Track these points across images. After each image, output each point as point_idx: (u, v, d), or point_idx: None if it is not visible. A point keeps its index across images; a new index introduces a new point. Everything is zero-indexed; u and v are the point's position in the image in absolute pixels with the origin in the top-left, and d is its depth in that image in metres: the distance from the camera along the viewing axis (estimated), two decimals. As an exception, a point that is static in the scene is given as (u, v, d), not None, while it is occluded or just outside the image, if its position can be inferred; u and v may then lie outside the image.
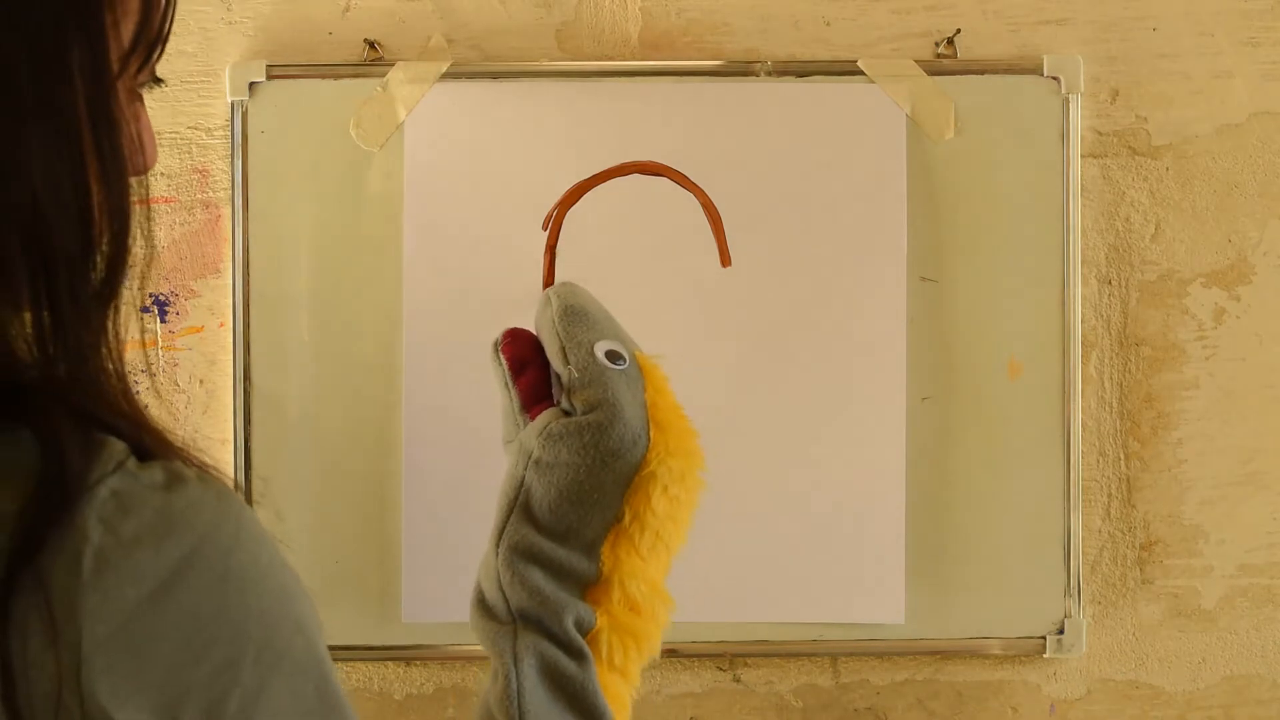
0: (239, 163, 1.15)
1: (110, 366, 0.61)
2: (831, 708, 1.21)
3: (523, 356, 0.87)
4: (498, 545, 0.83)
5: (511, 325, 0.89)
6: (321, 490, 1.16)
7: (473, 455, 1.15)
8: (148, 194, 0.64)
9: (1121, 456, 1.21)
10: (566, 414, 0.83)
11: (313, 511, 1.16)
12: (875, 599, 1.16)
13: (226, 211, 1.17)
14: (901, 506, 1.16)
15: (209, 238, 1.18)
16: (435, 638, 1.17)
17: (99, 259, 0.61)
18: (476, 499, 1.16)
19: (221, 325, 1.18)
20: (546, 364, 0.86)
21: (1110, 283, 1.20)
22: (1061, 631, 1.18)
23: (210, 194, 1.18)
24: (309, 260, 1.16)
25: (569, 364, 0.84)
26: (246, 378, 1.16)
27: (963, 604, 1.18)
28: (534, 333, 0.88)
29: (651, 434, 0.83)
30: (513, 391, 0.87)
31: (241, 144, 1.15)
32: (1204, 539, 1.21)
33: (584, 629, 0.81)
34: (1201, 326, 1.20)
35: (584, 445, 0.81)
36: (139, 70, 0.64)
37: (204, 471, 0.60)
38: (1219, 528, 1.21)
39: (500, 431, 0.89)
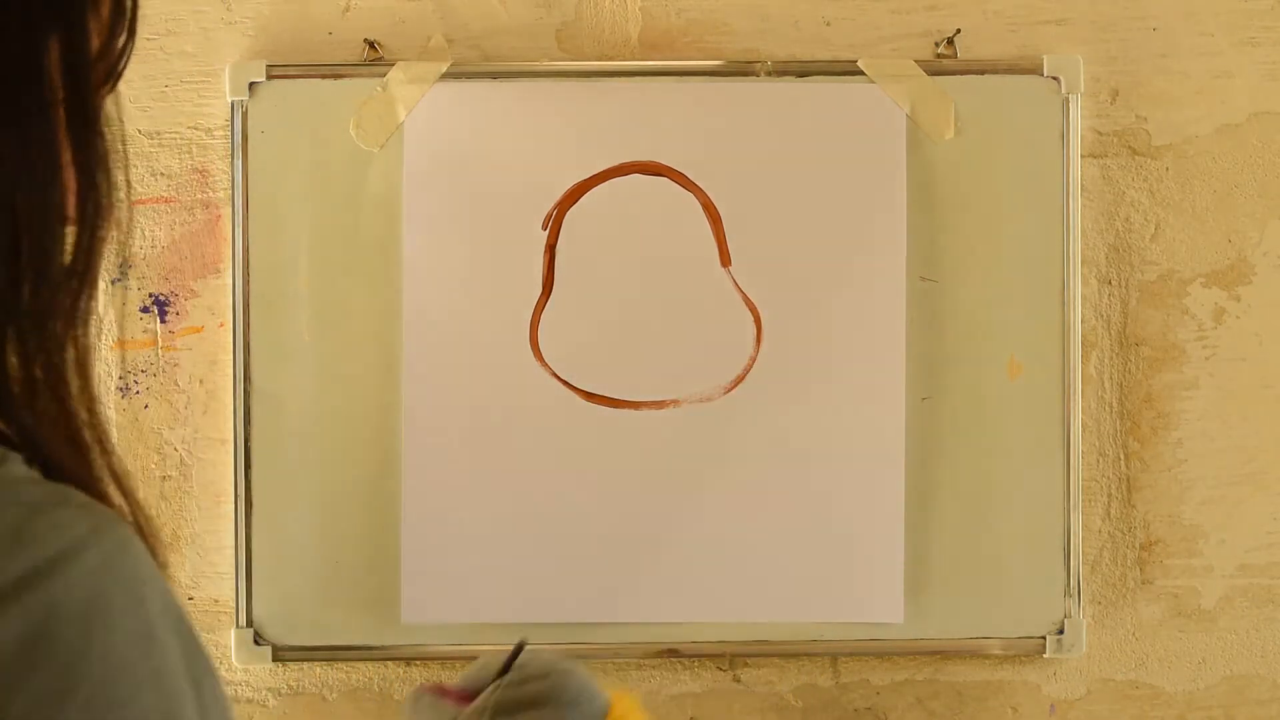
0: (239, 163, 1.15)
1: (71, 378, 0.57)
2: (831, 708, 1.21)
3: (446, 690, 0.87)
4: None
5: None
6: (321, 490, 1.16)
7: (472, 456, 1.15)
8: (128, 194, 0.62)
9: (1121, 456, 1.21)
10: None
11: (312, 512, 1.16)
12: (875, 599, 1.16)
13: (226, 211, 1.17)
14: (901, 506, 1.16)
15: (209, 238, 1.18)
16: (434, 638, 1.17)
17: (73, 257, 0.59)
18: (476, 500, 1.16)
19: (221, 325, 1.18)
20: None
21: (1110, 283, 1.20)
22: (1061, 631, 1.18)
23: (210, 194, 1.18)
24: (309, 260, 1.16)
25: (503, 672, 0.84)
26: (246, 378, 1.16)
27: (963, 604, 1.18)
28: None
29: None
30: (447, 700, 0.86)
31: (241, 144, 1.15)
32: (1204, 539, 1.21)
33: None
34: (1201, 326, 1.20)
35: (540, 693, 0.81)
36: (107, 77, 0.62)
37: (96, 501, 0.56)
38: (1219, 528, 1.21)
39: None
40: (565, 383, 1.15)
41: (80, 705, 0.52)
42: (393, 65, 1.15)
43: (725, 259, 1.16)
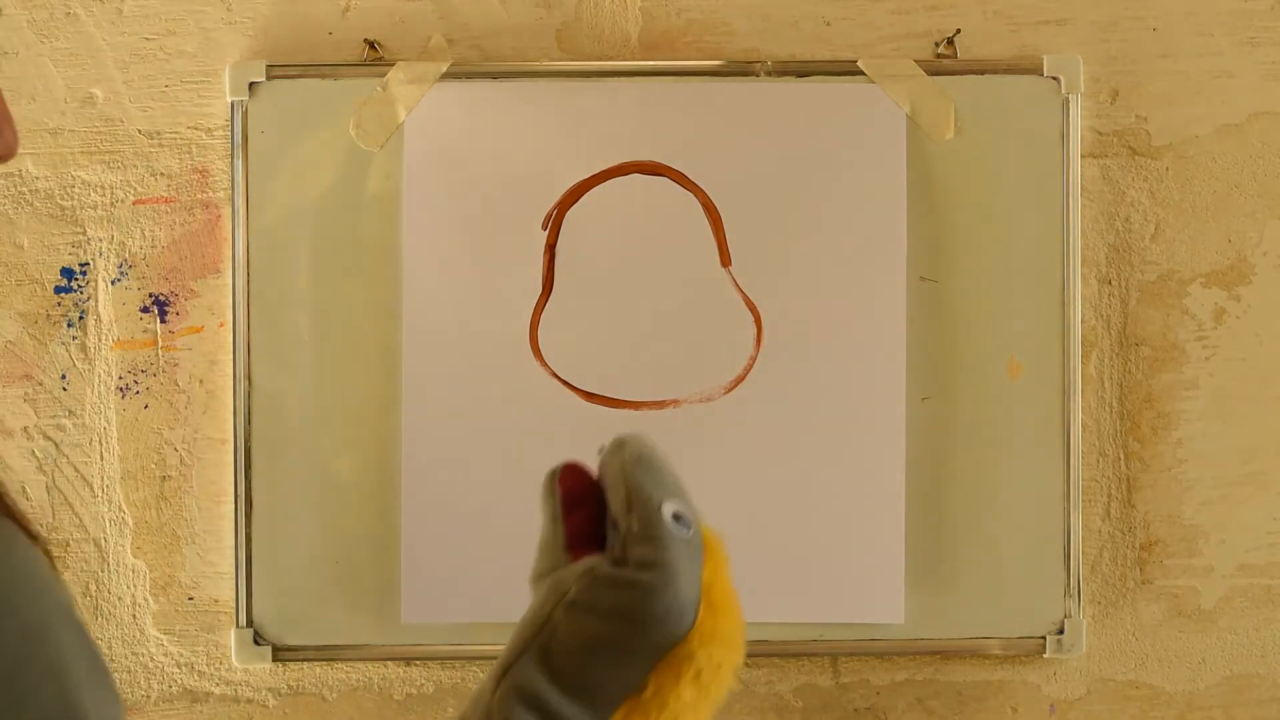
0: (239, 163, 1.15)
1: None
2: (831, 708, 1.21)
3: (579, 494, 0.80)
4: (499, 680, 0.76)
5: (565, 461, 0.82)
6: (321, 490, 1.16)
7: (472, 455, 1.15)
8: None
9: (1121, 456, 1.21)
10: (616, 564, 0.75)
11: (312, 511, 1.16)
12: (875, 599, 1.16)
13: (226, 211, 1.17)
14: (901, 506, 1.16)
15: (209, 238, 1.18)
16: (434, 638, 1.17)
17: None
18: (476, 499, 1.16)
19: (221, 325, 1.18)
20: (602, 509, 0.79)
21: (1110, 283, 1.20)
22: (1061, 631, 1.18)
23: (210, 194, 1.18)
24: (309, 260, 1.16)
25: (631, 513, 0.76)
26: (247, 378, 1.16)
27: (963, 604, 1.18)
28: (595, 473, 0.81)
29: (701, 612, 0.76)
30: (560, 527, 0.79)
31: (241, 144, 1.15)
32: (1204, 539, 1.21)
33: None
34: (1201, 327, 1.20)
35: (627, 602, 0.73)
36: None
37: None
38: (1219, 528, 1.21)
39: (533, 565, 0.82)
40: (565, 383, 1.15)
41: None
42: (393, 65, 1.15)
43: (725, 259, 1.16)
